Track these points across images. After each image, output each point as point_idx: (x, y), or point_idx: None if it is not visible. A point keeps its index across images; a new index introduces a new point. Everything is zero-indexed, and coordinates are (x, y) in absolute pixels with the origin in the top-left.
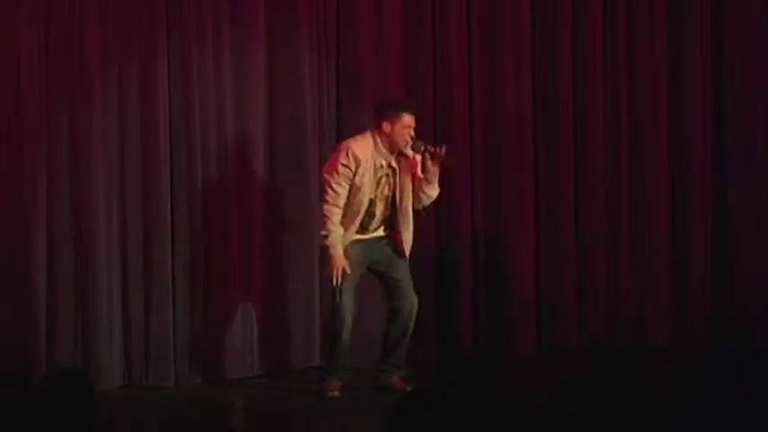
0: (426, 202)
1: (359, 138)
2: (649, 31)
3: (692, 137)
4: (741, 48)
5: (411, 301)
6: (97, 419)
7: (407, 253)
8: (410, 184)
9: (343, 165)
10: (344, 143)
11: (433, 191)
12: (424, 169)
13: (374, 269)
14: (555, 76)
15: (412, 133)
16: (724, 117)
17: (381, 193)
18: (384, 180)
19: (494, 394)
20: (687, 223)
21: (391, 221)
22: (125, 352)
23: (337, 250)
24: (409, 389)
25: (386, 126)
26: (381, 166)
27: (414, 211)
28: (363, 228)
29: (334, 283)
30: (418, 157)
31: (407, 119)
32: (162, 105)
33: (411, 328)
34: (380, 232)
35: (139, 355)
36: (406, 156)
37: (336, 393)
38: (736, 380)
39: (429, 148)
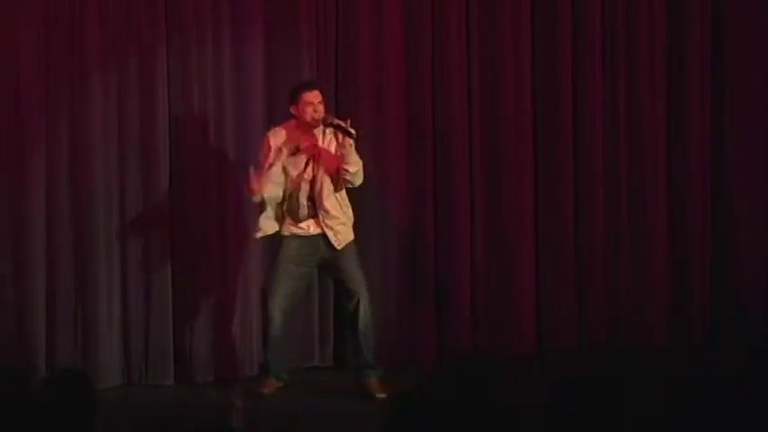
0: (350, 177)
1: (281, 126)
2: (649, 31)
3: (691, 137)
4: (741, 48)
5: (358, 297)
6: (97, 418)
7: (337, 241)
8: (321, 168)
9: (263, 152)
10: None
11: (350, 166)
12: (338, 145)
13: (322, 270)
14: (555, 76)
15: (318, 109)
16: (724, 117)
17: (307, 174)
18: (311, 162)
19: (493, 394)
20: (687, 223)
21: (315, 210)
22: (124, 350)
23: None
24: (382, 395)
25: (293, 109)
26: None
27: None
28: (293, 213)
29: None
30: (321, 135)
31: (308, 96)
32: (161, 104)
33: (366, 325)
34: (315, 229)
35: (139, 354)
36: (311, 134)
37: (266, 391)
38: (736, 380)
39: (335, 121)
